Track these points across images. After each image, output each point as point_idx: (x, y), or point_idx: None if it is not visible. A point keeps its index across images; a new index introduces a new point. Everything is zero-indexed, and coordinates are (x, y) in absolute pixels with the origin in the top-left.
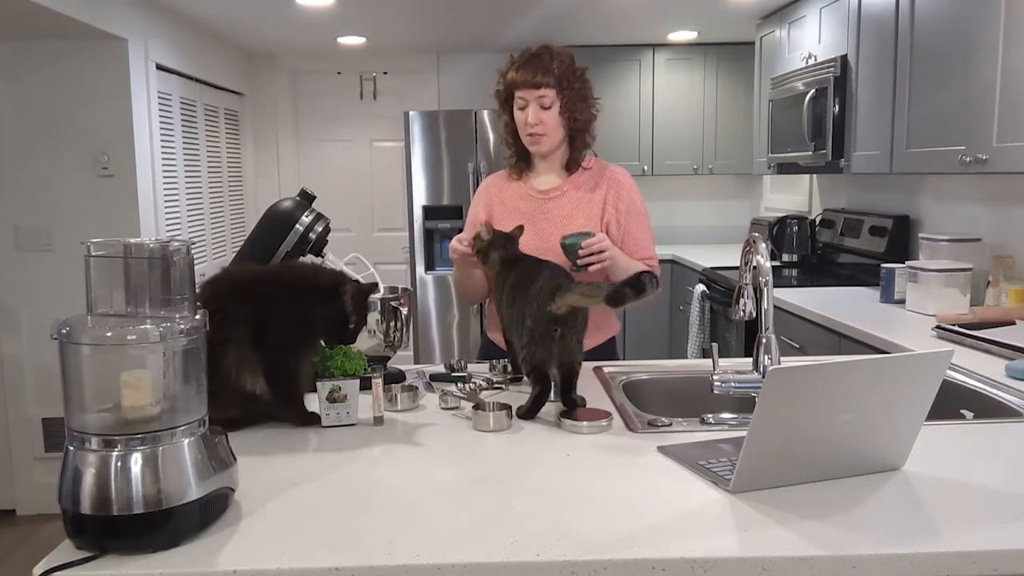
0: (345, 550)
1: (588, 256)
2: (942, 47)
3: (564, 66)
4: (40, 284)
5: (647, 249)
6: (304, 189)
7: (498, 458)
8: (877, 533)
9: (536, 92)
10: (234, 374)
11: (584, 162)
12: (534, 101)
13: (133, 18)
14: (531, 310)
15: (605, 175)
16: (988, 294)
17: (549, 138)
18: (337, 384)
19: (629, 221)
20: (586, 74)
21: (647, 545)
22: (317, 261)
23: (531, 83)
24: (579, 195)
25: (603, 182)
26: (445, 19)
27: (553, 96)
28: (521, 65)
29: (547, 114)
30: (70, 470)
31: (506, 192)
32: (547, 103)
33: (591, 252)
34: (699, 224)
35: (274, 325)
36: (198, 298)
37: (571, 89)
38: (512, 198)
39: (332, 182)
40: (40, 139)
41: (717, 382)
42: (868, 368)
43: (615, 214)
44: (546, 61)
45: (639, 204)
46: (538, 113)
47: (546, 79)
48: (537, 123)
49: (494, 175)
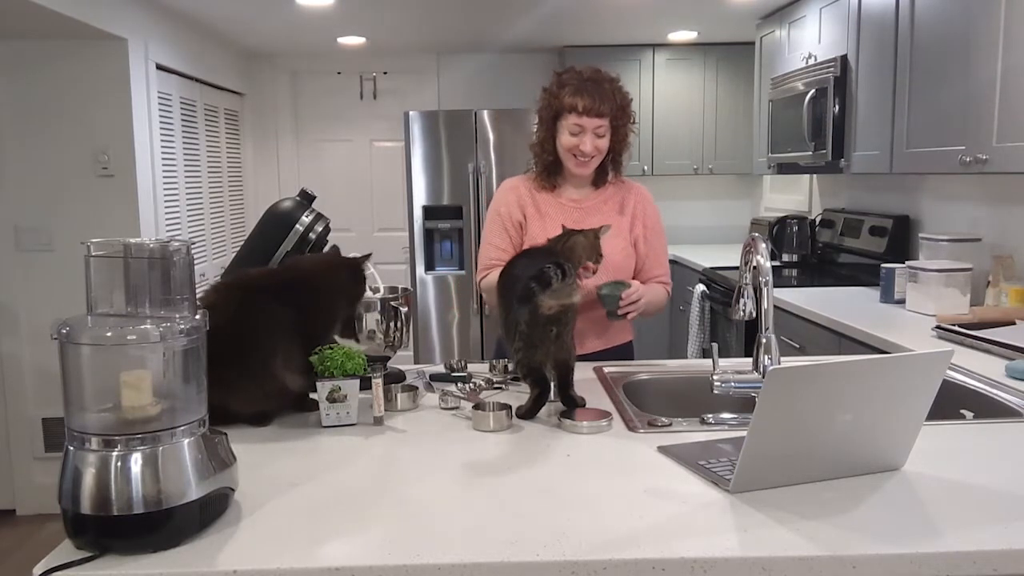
0: (345, 550)
1: (627, 306)
2: (942, 47)
3: (621, 96)
4: (40, 284)
5: (664, 266)
6: (304, 189)
7: (498, 458)
8: (877, 533)
9: (596, 121)
10: (279, 370)
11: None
12: (591, 131)
13: (133, 18)
14: (523, 315)
15: (632, 192)
16: (988, 294)
17: (595, 161)
18: (337, 384)
19: (652, 239)
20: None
21: (647, 545)
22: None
23: (595, 112)
24: (611, 207)
25: (631, 199)
26: (445, 19)
27: (607, 126)
28: (580, 90)
29: (601, 142)
30: (70, 470)
31: (538, 198)
32: (602, 132)
33: (630, 302)
34: (699, 224)
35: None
36: (233, 302)
37: (623, 119)
38: (545, 205)
39: (332, 182)
40: (40, 139)
41: (717, 382)
42: (868, 368)
43: (643, 231)
44: (606, 90)
45: (660, 223)
46: (594, 142)
47: (607, 108)
48: (591, 148)
49: (516, 179)
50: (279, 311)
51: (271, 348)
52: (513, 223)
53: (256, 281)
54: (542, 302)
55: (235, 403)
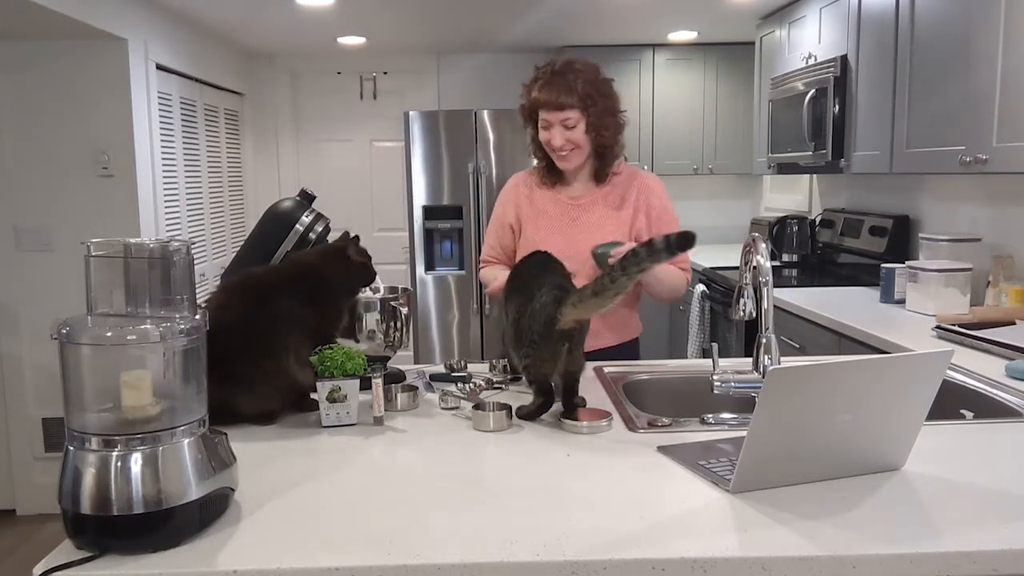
0: (345, 550)
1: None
2: (942, 47)
3: (588, 84)
4: (40, 284)
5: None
6: (304, 189)
7: (498, 458)
8: (877, 533)
9: (560, 114)
10: (293, 366)
11: (614, 168)
12: (558, 123)
13: (133, 18)
14: (538, 326)
15: (635, 182)
16: (988, 294)
17: (577, 154)
18: (337, 384)
19: (660, 228)
20: (611, 86)
21: (647, 545)
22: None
23: (554, 104)
24: (609, 203)
25: (633, 189)
26: (445, 19)
27: (577, 116)
28: (544, 84)
29: (572, 133)
30: (70, 470)
31: (536, 195)
32: (571, 123)
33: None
34: (699, 224)
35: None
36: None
37: (595, 107)
38: (542, 202)
39: (332, 182)
40: (40, 139)
41: (717, 382)
42: (868, 368)
43: (646, 222)
44: (569, 80)
45: (670, 210)
46: (563, 134)
47: (569, 100)
48: (563, 144)
49: (523, 174)
50: (291, 308)
51: (285, 345)
52: (505, 225)
53: (264, 279)
54: (562, 315)
55: (245, 402)
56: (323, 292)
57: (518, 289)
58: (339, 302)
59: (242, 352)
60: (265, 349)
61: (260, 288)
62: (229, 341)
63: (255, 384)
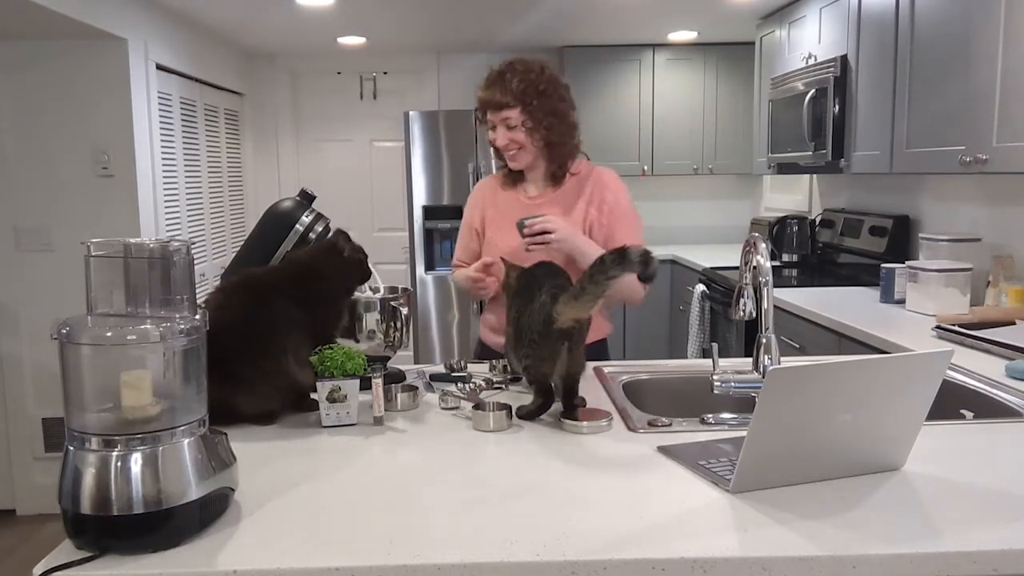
0: (345, 550)
1: (532, 236)
2: (942, 47)
3: (525, 83)
4: (40, 284)
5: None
6: (304, 189)
7: (498, 458)
8: (877, 533)
9: (499, 114)
10: (293, 368)
11: (573, 167)
12: (500, 123)
13: (133, 18)
14: (537, 325)
15: (590, 180)
16: (988, 294)
17: (524, 152)
18: (337, 384)
19: (613, 221)
20: (556, 85)
21: (647, 545)
22: None
23: (493, 104)
24: (565, 199)
25: (588, 185)
26: (445, 19)
27: (517, 115)
28: (486, 86)
29: (514, 133)
30: (70, 470)
31: (499, 197)
32: (512, 123)
33: (533, 232)
34: (699, 224)
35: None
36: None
37: (533, 105)
38: (505, 203)
39: (332, 182)
40: (40, 139)
41: (717, 382)
42: (868, 368)
43: (597, 215)
44: (507, 80)
45: (624, 204)
46: (505, 134)
47: (505, 99)
48: (505, 143)
49: (489, 178)
50: (289, 308)
51: (284, 346)
52: (471, 230)
53: (263, 279)
54: (558, 312)
55: (245, 402)
56: (321, 291)
57: (520, 293)
58: (338, 301)
59: (242, 352)
60: (265, 349)
61: (259, 288)
62: (229, 341)
63: (255, 384)
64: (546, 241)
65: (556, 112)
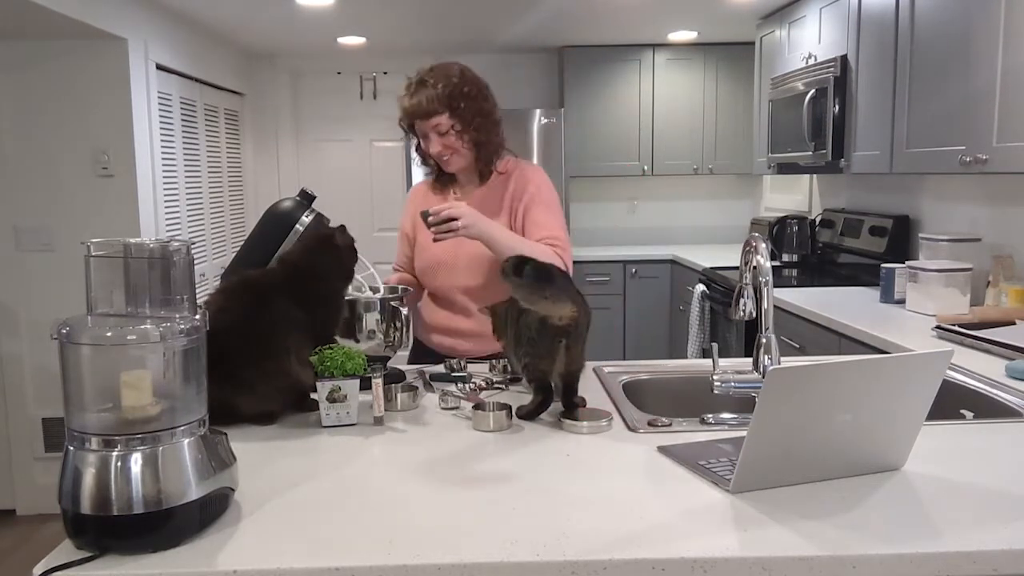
0: (345, 550)
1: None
2: (942, 47)
3: (450, 87)
4: (40, 284)
5: (548, 228)
6: (304, 189)
7: (498, 458)
8: (877, 533)
9: (429, 122)
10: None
11: (500, 166)
12: (431, 131)
13: (133, 18)
14: (534, 323)
15: (514, 176)
16: (988, 294)
17: (457, 156)
18: (337, 384)
19: (531, 207)
20: (478, 85)
21: (647, 545)
22: None
23: (421, 113)
24: (493, 197)
25: (512, 181)
26: (445, 19)
27: (446, 120)
28: (410, 94)
29: (446, 138)
30: (70, 470)
31: (430, 202)
32: (443, 128)
33: (439, 220)
34: (699, 224)
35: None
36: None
37: (461, 108)
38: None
39: (332, 182)
40: (40, 139)
41: (717, 382)
42: (868, 368)
43: (519, 205)
44: (430, 87)
45: (545, 193)
46: (438, 140)
47: (433, 106)
48: (439, 150)
49: (421, 184)
50: (290, 307)
51: (286, 347)
52: (404, 237)
53: (263, 280)
54: (551, 312)
55: (246, 403)
56: (320, 290)
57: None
58: (337, 298)
59: (243, 353)
60: (267, 350)
61: (259, 289)
62: (230, 342)
63: (256, 385)
64: (452, 228)
65: (482, 112)
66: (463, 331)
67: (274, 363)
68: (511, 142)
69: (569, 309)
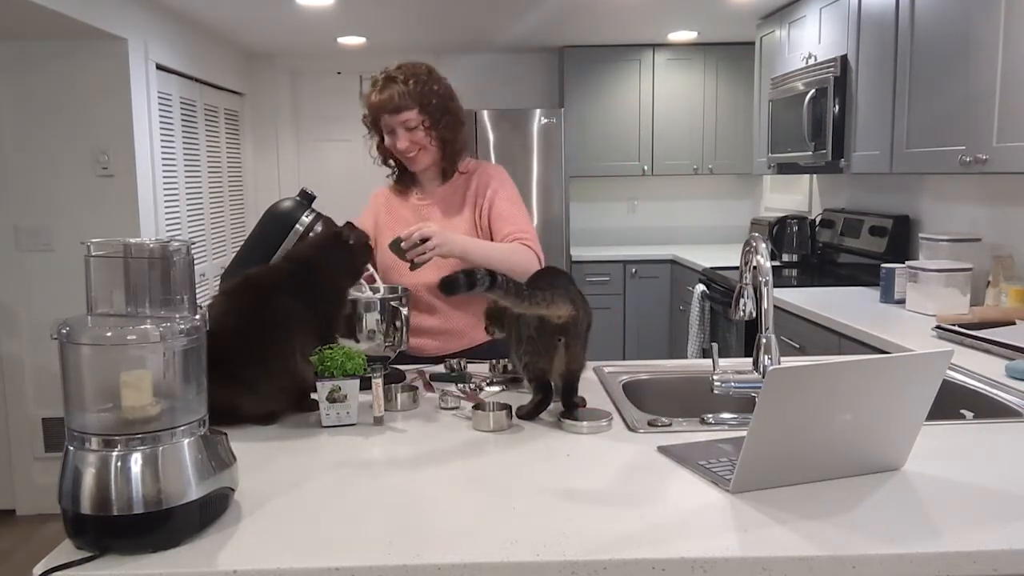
0: (345, 550)
1: (412, 250)
2: (942, 47)
3: (419, 83)
4: (40, 284)
5: (514, 222)
6: (304, 189)
7: (498, 458)
8: (877, 533)
9: (398, 116)
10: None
11: (461, 166)
12: (399, 126)
13: (133, 18)
14: (533, 321)
15: (476, 175)
16: (988, 294)
17: (424, 153)
18: (337, 384)
19: (495, 201)
20: (444, 84)
21: (647, 545)
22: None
23: (391, 108)
24: (455, 196)
25: (474, 180)
26: (445, 19)
27: (416, 116)
28: (379, 89)
29: (415, 134)
30: (70, 470)
31: (393, 203)
32: (412, 124)
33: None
34: (699, 224)
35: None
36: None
37: (431, 104)
38: (398, 208)
39: (332, 182)
40: (40, 139)
41: (717, 382)
42: (868, 368)
43: (483, 201)
44: (401, 82)
45: (508, 188)
46: (405, 135)
47: (404, 102)
48: (407, 146)
49: (381, 188)
50: (294, 307)
51: (291, 346)
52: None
53: (265, 278)
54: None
55: (248, 403)
56: (324, 287)
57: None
58: (342, 295)
59: (247, 354)
60: (271, 350)
61: (262, 289)
62: (233, 344)
63: (259, 385)
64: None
65: (449, 111)
66: (429, 329)
67: (280, 363)
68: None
69: (567, 308)
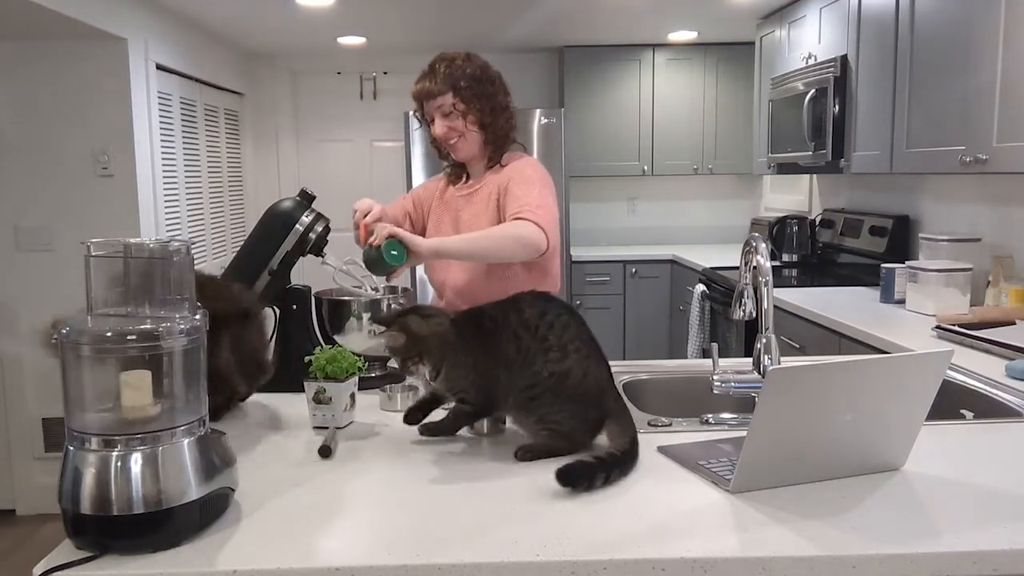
0: (345, 550)
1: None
2: (942, 47)
3: (452, 68)
4: (40, 284)
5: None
6: (304, 189)
7: (498, 458)
8: (877, 533)
9: (434, 102)
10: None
11: (505, 158)
12: (435, 112)
13: (133, 18)
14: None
15: (510, 165)
16: (988, 294)
17: (464, 141)
18: (322, 386)
19: (510, 186)
20: (488, 73)
21: (647, 545)
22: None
23: (425, 93)
24: (488, 189)
25: (505, 172)
26: (445, 19)
27: (450, 100)
28: (418, 80)
29: (452, 120)
30: (70, 470)
31: (447, 192)
32: (446, 109)
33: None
34: (699, 224)
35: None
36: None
37: (465, 90)
38: (450, 198)
39: (332, 182)
40: (40, 139)
41: (717, 382)
42: (868, 368)
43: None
44: (437, 69)
45: (527, 171)
46: (442, 122)
47: (435, 86)
48: (443, 131)
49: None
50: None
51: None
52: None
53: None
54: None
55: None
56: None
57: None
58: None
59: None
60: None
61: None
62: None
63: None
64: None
65: (487, 94)
66: None
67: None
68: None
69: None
